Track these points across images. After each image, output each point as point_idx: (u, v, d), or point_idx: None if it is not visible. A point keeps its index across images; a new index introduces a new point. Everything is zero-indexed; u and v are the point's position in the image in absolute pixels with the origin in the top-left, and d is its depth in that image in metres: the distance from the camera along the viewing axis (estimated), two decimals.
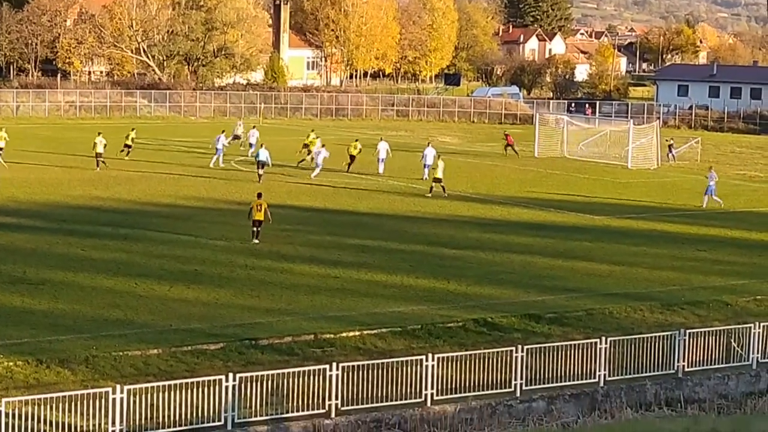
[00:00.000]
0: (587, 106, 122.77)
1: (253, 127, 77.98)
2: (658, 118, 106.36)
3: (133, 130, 72.44)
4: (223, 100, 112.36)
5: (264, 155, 60.58)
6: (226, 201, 53.51)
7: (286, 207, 51.65)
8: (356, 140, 69.49)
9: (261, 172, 60.04)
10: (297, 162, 66.47)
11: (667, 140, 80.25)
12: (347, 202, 54.35)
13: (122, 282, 35.51)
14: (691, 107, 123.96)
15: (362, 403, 24.90)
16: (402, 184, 60.22)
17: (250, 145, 72.35)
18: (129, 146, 69.32)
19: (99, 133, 64.35)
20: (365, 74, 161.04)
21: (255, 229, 42.65)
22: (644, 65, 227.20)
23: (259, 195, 43.71)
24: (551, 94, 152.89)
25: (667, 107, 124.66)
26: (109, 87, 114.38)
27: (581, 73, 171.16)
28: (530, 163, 75.16)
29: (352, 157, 66.11)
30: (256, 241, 42.44)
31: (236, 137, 76.18)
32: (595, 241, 45.81)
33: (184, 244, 41.94)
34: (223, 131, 68.54)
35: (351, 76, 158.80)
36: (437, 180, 56.64)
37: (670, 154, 78.83)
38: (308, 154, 67.27)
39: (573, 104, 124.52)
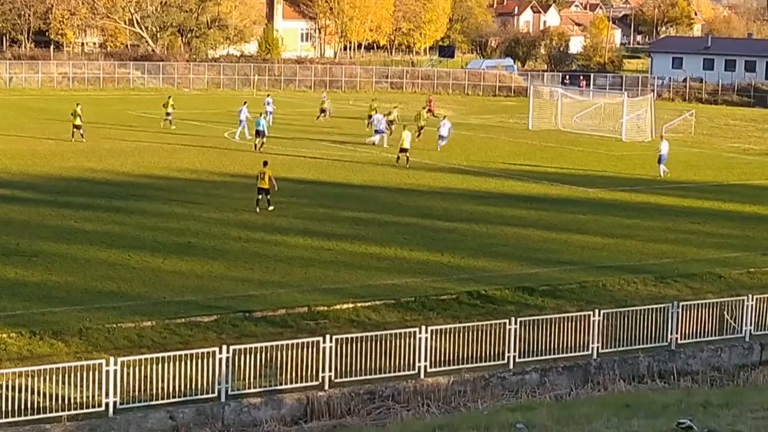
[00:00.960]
0: (581, 78, 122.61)
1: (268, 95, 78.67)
2: (653, 90, 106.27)
3: (170, 97, 74.40)
4: (216, 71, 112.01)
5: (262, 125, 61.14)
6: (220, 173, 53.44)
7: (279, 179, 51.48)
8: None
9: (258, 141, 60.52)
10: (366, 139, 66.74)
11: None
12: (341, 174, 54.28)
13: (116, 254, 35.48)
14: (685, 80, 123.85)
15: (356, 376, 24.94)
16: (394, 156, 60.08)
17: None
18: (169, 114, 71.44)
19: (77, 104, 64.22)
20: (359, 46, 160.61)
21: (259, 197, 43.06)
22: (639, 38, 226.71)
23: (265, 163, 44.31)
24: (545, 66, 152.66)
25: (662, 80, 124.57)
26: (102, 58, 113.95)
27: (576, 45, 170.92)
28: (524, 136, 75.06)
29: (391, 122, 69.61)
30: (271, 208, 43.01)
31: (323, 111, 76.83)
32: (588, 214, 45.82)
33: (178, 216, 41.89)
34: (245, 102, 67.79)
35: (345, 48, 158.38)
36: (403, 150, 56.95)
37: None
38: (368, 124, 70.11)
39: (567, 76, 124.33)
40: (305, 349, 24.76)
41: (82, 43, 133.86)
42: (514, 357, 26.64)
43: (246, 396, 23.92)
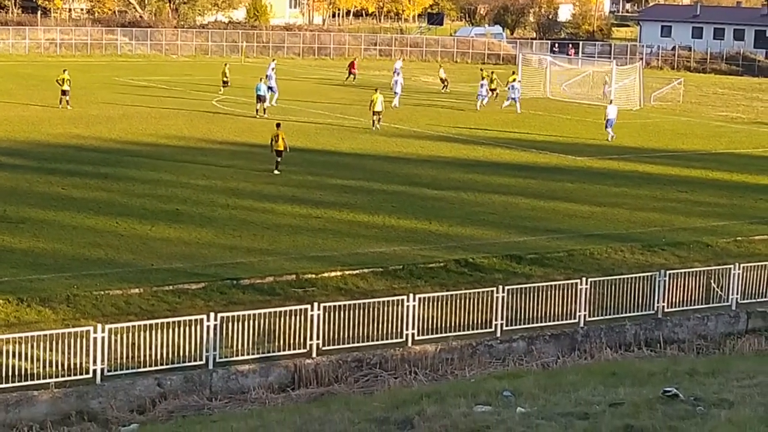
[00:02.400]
0: (570, 46, 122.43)
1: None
2: (641, 58, 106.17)
3: (226, 65, 75.67)
4: (204, 38, 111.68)
5: (263, 89, 61.50)
6: (208, 140, 53.32)
7: (267, 146, 51.51)
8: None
9: (259, 107, 61.07)
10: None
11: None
12: (329, 142, 54.22)
13: (103, 221, 35.43)
14: (674, 48, 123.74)
15: (343, 343, 24.98)
16: (384, 124, 60.02)
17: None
18: (226, 82, 72.81)
19: (64, 70, 64.07)
20: (348, 13, 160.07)
21: (278, 159, 44.40)
22: (627, 5, 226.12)
23: (278, 125, 45.25)
24: (534, 34, 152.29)
25: (650, 48, 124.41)
26: (90, 25, 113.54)
27: (565, 13, 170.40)
28: (513, 104, 74.90)
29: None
30: (277, 171, 44.08)
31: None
32: (576, 182, 45.85)
33: (166, 184, 41.83)
34: (261, 78, 66.82)
35: (334, 15, 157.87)
36: (376, 113, 58.03)
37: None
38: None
39: (556, 44, 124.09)
40: (293, 317, 24.78)
41: (70, 9, 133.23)
42: (502, 325, 26.70)
43: (234, 363, 23.95)
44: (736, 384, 18.91)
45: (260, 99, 61.92)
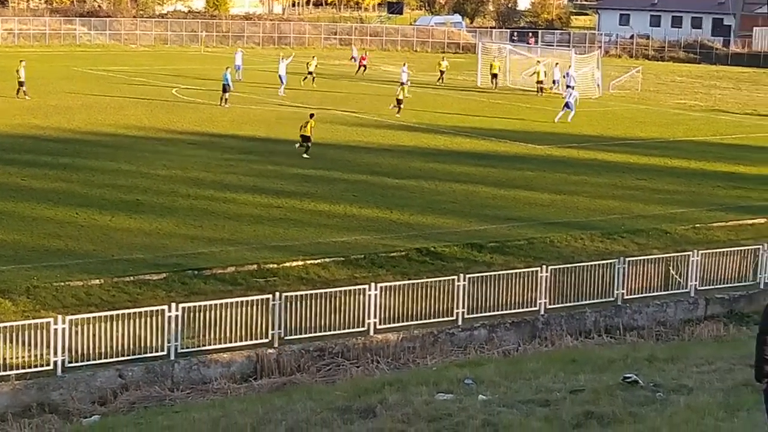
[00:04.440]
0: (530, 35, 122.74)
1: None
2: (600, 47, 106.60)
3: (314, 57, 76.88)
4: (164, 27, 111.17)
5: (228, 79, 61.41)
6: (168, 130, 53.13)
7: (228, 136, 51.45)
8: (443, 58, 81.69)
9: (226, 96, 60.75)
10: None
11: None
12: (291, 131, 54.01)
13: (63, 212, 35.26)
14: (632, 36, 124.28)
15: (305, 333, 25.00)
16: (345, 114, 60.01)
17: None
18: (311, 73, 73.53)
19: (21, 61, 63.66)
20: (308, 2, 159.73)
21: (305, 144, 46.56)
22: None
23: (311, 115, 47.92)
24: (494, 23, 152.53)
25: (609, 36, 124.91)
26: (48, 14, 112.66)
27: (524, 2, 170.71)
28: (473, 93, 75.15)
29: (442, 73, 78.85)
30: (306, 156, 46.03)
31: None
32: (537, 171, 46.04)
33: (126, 174, 41.67)
34: (227, 68, 66.45)
35: (293, 4, 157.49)
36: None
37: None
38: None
39: (515, 33, 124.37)
40: (255, 307, 24.77)
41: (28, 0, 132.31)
42: (463, 313, 26.80)
43: (195, 354, 23.93)
44: (695, 370, 19.10)
45: (225, 89, 61.64)
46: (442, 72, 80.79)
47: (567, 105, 61.82)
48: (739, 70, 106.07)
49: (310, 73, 73.78)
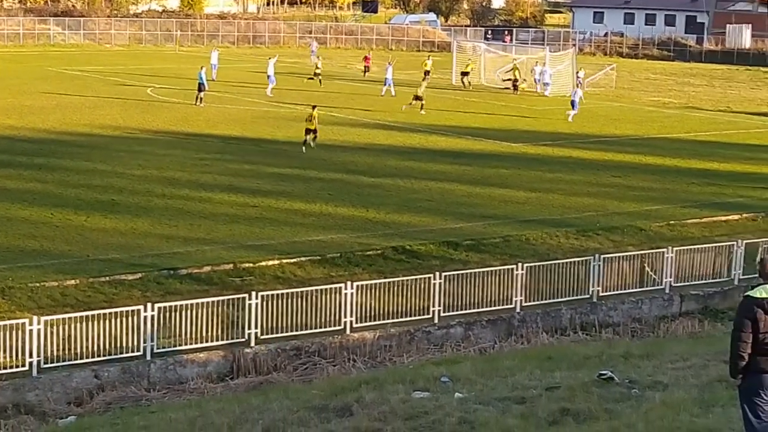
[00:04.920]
0: (505, 33, 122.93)
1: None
2: (574, 45, 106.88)
3: (429, 57, 78.58)
4: (138, 27, 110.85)
5: (203, 78, 61.21)
6: (143, 130, 52.99)
7: (204, 135, 51.36)
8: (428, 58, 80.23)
9: (201, 95, 60.59)
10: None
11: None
12: (266, 130, 54.10)
13: (38, 212, 35.13)
14: (606, 34, 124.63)
15: (282, 332, 25.00)
16: (321, 112, 60.00)
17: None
18: (318, 74, 73.84)
19: None
20: (282, 1, 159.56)
21: (306, 137, 47.82)
22: None
23: (314, 107, 49.03)
24: (468, 21, 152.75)
25: (583, 34, 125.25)
26: (22, 14, 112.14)
27: (498, 0, 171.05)
28: (448, 91, 75.24)
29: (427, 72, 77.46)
30: (312, 144, 47.87)
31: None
32: (512, 169, 46.14)
33: (101, 174, 41.54)
34: (202, 67, 66.10)
35: (268, 3, 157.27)
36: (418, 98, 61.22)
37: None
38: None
39: (490, 31, 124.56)
40: (231, 306, 24.76)
41: None
42: (439, 311, 26.85)
43: (172, 354, 23.89)
44: (670, 366, 19.19)
45: (200, 88, 61.48)
46: (426, 72, 79.59)
47: (573, 104, 62.53)
48: (713, 67, 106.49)
49: (317, 74, 73.66)
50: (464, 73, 78.14)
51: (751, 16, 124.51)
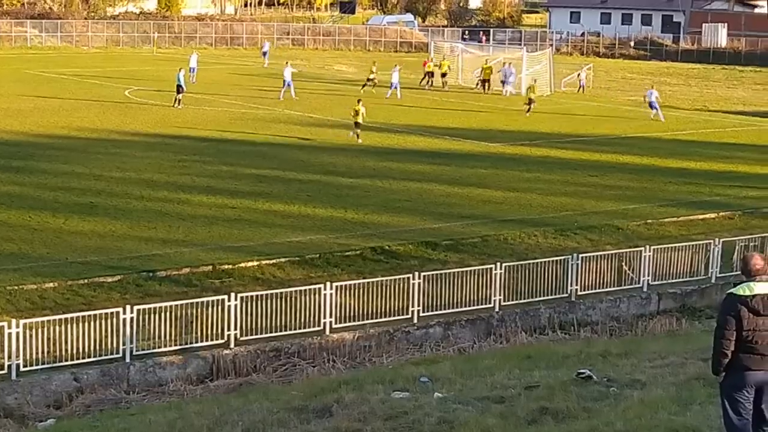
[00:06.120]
0: (482, 33, 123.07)
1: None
2: (551, 44, 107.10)
3: (374, 63, 74.86)
4: (115, 29, 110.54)
5: (181, 80, 61.03)
6: (121, 132, 52.88)
7: (181, 137, 51.28)
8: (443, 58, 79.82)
9: (180, 97, 60.48)
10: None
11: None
12: (243, 131, 54.05)
13: (16, 215, 35.03)
14: (583, 34, 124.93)
15: (261, 333, 25.02)
16: (298, 114, 60.00)
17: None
18: (371, 80, 72.20)
19: None
20: (260, 2, 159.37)
21: (358, 130, 51.17)
22: None
23: (359, 101, 52.83)
24: (446, 21, 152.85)
25: (560, 34, 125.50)
26: None
27: (475, 0, 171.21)
28: (425, 92, 75.29)
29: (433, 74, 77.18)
30: (359, 141, 50.93)
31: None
32: (489, 168, 46.24)
33: (79, 176, 41.45)
34: (181, 69, 65.99)
35: (246, 5, 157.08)
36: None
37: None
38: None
39: (467, 32, 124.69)
40: (210, 308, 24.77)
41: None
42: (418, 311, 26.92)
43: (151, 356, 23.88)
44: (648, 364, 19.28)
45: (179, 89, 61.27)
46: (429, 73, 77.80)
47: (651, 105, 64.59)
48: (689, 67, 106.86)
49: (370, 79, 72.38)
50: (443, 74, 77.96)
51: (727, 15, 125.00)
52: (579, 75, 78.58)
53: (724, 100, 79.09)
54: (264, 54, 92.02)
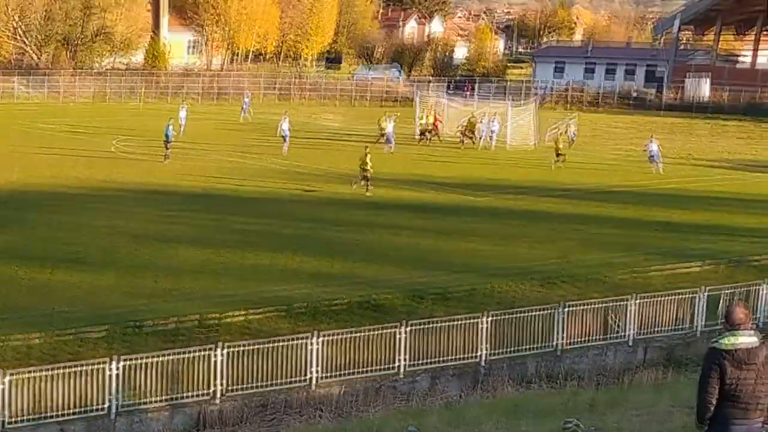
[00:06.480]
0: (468, 83, 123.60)
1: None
2: (536, 95, 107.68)
3: (390, 116, 74.74)
4: (102, 83, 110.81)
5: (169, 131, 61.08)
6: (109, 183, 52.96)
7: (168, 189, 51.37)
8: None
9: (168, 152, 60.56)
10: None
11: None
12: (231, 183, 54.17)
13: (2, 266, 35.00)
14: (567, 84, 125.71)
15: (248, 382, 24.97)
16: (285, 166, 60.14)
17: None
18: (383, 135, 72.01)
19: None
20: (246, 57, 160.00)
21: (366, 182, 51.61)
22: (521, 47, 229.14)
23: (366, 147, 53.49)
24: (432, 73, 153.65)
25: (544, 86, 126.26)
26: None
27: (460, 53, 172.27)
28: (412, 144, 75.58)
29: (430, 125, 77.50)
30: (368, 193, 51.18)
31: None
32: (477, 220, 46.37)
33: (66, 227, 41.47)
34: (171, 119, 66.07)
35: (233, 60, 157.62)
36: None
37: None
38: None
39: (452, 84, 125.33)
40: (196, 361, 24.72)
41: None
42: (405, 363, 26.92)
43: (137, 409, 23.81)
44: (635, 414, 19.35)
45: (167, 144, 61.27)
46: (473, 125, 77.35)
47: (651, 157, 65.19)
48: (672, 119, 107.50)
49: (429, 131, 74.38)
50: (429, 129, 78.11)
51: (709, 67, 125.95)
52: (568, 128, 78.84)
53: (708, 149, 79.55)
54: (243, 106, 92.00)
